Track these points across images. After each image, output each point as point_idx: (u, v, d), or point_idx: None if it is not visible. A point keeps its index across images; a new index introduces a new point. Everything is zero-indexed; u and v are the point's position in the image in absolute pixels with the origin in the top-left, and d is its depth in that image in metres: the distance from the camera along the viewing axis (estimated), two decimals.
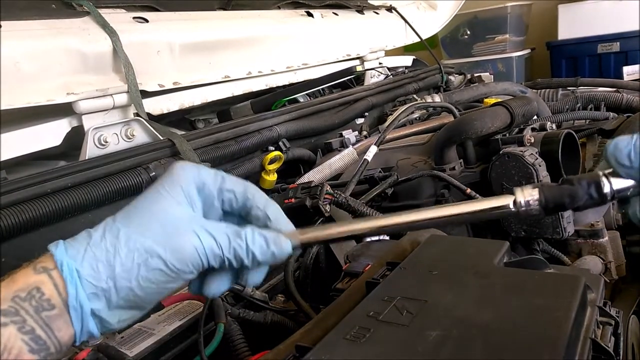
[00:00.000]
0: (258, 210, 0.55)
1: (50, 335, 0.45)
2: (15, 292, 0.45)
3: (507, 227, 0.90)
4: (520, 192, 0.46)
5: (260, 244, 0.52)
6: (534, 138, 0.94)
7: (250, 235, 0.52)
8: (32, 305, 0.45)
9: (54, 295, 0.46)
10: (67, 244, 0.49)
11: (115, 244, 0.49)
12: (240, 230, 0.52)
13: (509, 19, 3.08)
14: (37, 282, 0.46)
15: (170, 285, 0.50)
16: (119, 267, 0.48)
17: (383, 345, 0.42)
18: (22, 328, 0.44)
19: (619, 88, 1.54)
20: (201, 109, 1.42)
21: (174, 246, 0.49)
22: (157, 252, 0.49)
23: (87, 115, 0.98)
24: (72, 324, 0.47)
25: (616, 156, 0.44)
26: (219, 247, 0.50)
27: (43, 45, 0.95)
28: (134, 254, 0.48)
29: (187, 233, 0.50)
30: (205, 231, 0.50)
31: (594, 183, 0.45)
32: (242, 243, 0.51)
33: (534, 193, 0.46)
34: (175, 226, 0.50)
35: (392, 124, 1.11)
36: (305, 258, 0.81)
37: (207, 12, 1.39)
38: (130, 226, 0.50)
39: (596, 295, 0.50)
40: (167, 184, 0.53)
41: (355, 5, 1.90)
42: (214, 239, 0.50)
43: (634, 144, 0.43)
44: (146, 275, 0.49)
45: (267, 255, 0.52)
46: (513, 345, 0.40)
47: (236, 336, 0.68)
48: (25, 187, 0.78)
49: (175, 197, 0.52)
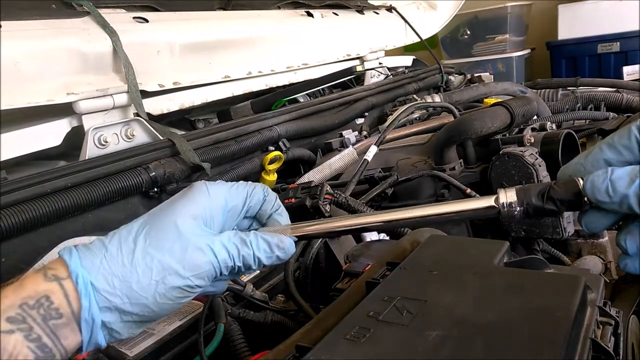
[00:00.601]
0: (269, 204, 0.60)
1: (57, 343, 0.45)
2: (23, 299, 0.45)
3: (507, 227, 0.90)
4: (503, 193, 0.47)
5: (265, 249, 0.55)
6: (534, 138, 0.94)
7: (255, 242, 0.54)
8: (40, 314, 0.45)
9: (64, 305, 0.46)
10: (80, 254, 0.49)
11: (132, 260, 0.49)
12: (245, 238, 0.54)
13: (509, 19, 3.08)
14: (47, 291, 0.46)
15: (186, 300, 0.52)
16: (135, 284, 0.49)
17: (383, 345, 0.42)
18: (28, 336, 0.44)
19: (619, 88, 1.54)
20: (201, 109, 1.42)
21: (191, 263, 0.50)
22: (176, 269, 0.50)
23: (87, 115, 0.99)
24: (81, 333, 0.47)
25: (595, 195, 0.44)
26: (231, 259, 0.53)
27: (43, 45, 0.95)
28: (152, 271, 0.49)
29: (203, 249, 0.51)
30: (218, 243, 0.52)
31: (572, 188, 0.46)
32: (249, 251, 0.54)
33: (513, 195, 0.47)
34: (190, 241, 0.51)
35: (392, 124, 1.11)
36: (305, 258, 0.81)
37: (207, 12, 1.39)
38: (146, 241, 0.50)
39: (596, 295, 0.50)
40: (185, 199, 0.54)
41: (355, 5, 1.90)
42: (227, 251, 0.52)
43: (610, 178, 0.43)
44: (164, 293, 0.50)
45: (272, 259, 0.55)
46: (513, 345, 0.40)
47: (236, 336, 0.68)
48: (25, 187, 0.78)
49: (192, 212, 0.53)
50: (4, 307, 0.44)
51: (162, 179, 0.96)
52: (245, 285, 0.75)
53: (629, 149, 0.45)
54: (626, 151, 0.45)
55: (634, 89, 1.52)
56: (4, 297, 0.44)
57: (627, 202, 0.42)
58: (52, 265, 0.48)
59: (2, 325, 0.43)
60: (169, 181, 0.98)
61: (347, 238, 0.88)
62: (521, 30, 3.25)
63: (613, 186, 0.43)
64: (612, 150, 0.45)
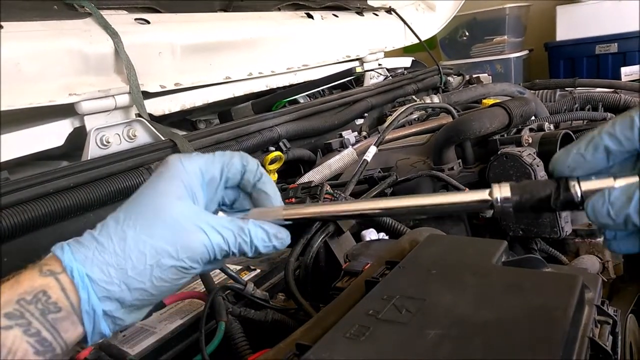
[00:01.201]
0: (250, 174, 0.58)
1: (57, 337, 0.46)
2: (20, 295, 0.45)
3: (505, 227, 0.91)
4: (497, 188, 0.48)
5: (262, 238, 0.54)
6: (532, 138, 0.95)
7: (253, 231, 0.54)
8: (38, 308, 0.45)
9: (61, 299, 0.46)
10: (72, 248, 0.49)
11: (125, 248, 0.49)
12: (243, 226, 0.54)
13: (507, 20, 3.09)
14: (43, 286, 0.46)
15: (182, 280, 0.52)
16: (131, 270, 0.49)
17: (382, 344, 0.42)
18: (27, 331, 0.44)
19: (616, 89, 1.54)
20: (202, 109, 1.42)
21: (184, 244, 0.50)
22: (169, 251, 0.50)
23: (89, 116, 0.99)
24: (83, 325, 0.48)
25: (599, 220, 0.43)
26: (226, 243, 0.52)
27: (45, 47, 0.95)
28: (146, 256, 0.49)
29: (195, 230, 0.51)
30: (211, 228, 0.52)
31: (563, 185, 0.46)
32: (246, 238, 0.53)
33: (507, 190, 0.47)
34: (181, 224, 0.51)
35: (391, 124, 1.12)
36: (306, 257, 0.81)
37: (208, 13, 1.39)
38: (136, 228, 0.50)
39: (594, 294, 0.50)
40: (165, 179, 0.53)
41: (354, 6, 1.91)
42: (221, 236, 0.52)
43: (610, 202, 0.42)
44: (160, 275, 0.50)
45: (269, 248, 0.55)
46: (511, 344, 0.40)
47: (237, 334, 0.68)
48: (27, 187, 0.78)
49: (176, 192, 0.52)
50: (1, 303, 0.44)
51: None
52: (246, 284, 0.75)
53: (630, 140, 0.43)
54: (627, 142, 0.44)
55: (632, 89, 1.53)
56: (1, 294, 0.44)
57: (631, 221, 0.42)
58: (47, 261, 0.48)
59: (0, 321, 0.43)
60: None
61: (347, 238, 0.89)
62: (519, 32, 3.26)
63: (614, 208, 0.42)
64: (612, 139, 0.44)
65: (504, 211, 0.48)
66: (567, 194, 0.46)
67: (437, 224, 0.94)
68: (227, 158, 0.57)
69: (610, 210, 0.42)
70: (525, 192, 0.47)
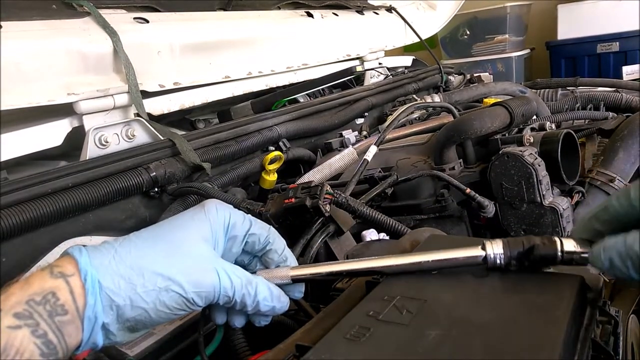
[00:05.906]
0: (275, 254, 0.61)
1: (61, 340, 0.46)
2: (30, 296, 0.45)
3: (507, 227, 0.90)
4: (490, 244, 0.50)
5: (265, 296, 0.57)
6: (534, 138, 0.94)
7: (260, 286, 0.57)
8: (47, 310, 0.45)
9: (69, 302, 0.47)
10: (90, 253, 0.50)
11: (141, 265, 0.51)
12: (252, 279, 0.57)
13: (508, 19, 3.08)
14: (53, 287, 0.47)
15: (180, 313, 0.53)
16: (140, 287, 0.50)
17: (383, 345, 0.42)
18: (35, 332, 0.44)
19: (618, 88, 1.54)
20: (201, 109, 1.42)
21: (196, 280, 0.53)
22: (180, 282, 0.52)
23: (88, 115, 0.99)
24: (83, 331, 0.48)
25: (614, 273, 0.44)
26: (232, 290, 0.55)
27: (43, 46, 0.95)
28: (158, 278, 0.51)
29: (209, 270, 0.54)
30: (224, 272, 0.54)
31: (549, 246, 0.48)
32: (251, 291, 0.56)
33: (499, 247, 0.50)
34: (199, 262, 0.54)
35: (391, 124, 1.12)
36: (306, 257, 0.81)
37: (207, 12, 1.39)
38: (156, 250, 0.52)
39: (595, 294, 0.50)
40: (197, 219, 0.57)
41: (355, 5, 1.90)
42: (230, 281, 0.55)
43: None
44: (164, 301, 0.51)
45: (268, 307, 0.58)
46: (512, 345, 0.40)
47: (236, 336, 0.68)
48: (26, 187, 0.78)
49: (203, 233, 0.56)
50: (11, 303, 0.44)
51: (163, 179, 0.96)
52: None
53: None
54: None
55: (633, 88, 1.52)
56: (11, 294, 0.45)
57: None
58: (59, 262, 0.49)
59: (9, 321, 0.43)
60: (169, 181, 0.98)
61: (347, 238, 0.89)
62: (520, 30, 3.25)
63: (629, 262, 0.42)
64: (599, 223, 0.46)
65: (495, 266, 0.50)
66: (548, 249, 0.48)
67: (438, 224, 0.94)
68: (255, 225, 0.61)
69: None
70: (514, 249, 0.50)
